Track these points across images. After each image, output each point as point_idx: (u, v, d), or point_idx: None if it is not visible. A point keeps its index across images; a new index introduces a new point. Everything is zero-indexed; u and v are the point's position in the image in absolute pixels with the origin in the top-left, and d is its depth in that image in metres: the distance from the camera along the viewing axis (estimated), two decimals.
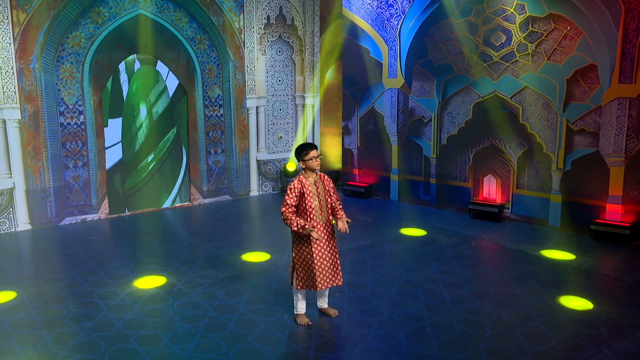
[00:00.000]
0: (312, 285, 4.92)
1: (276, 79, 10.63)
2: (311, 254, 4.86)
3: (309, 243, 4.87)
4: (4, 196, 8.12)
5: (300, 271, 4.96)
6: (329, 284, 4.97)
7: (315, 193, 4.91)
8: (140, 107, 9.18)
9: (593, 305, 5.46)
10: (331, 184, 5.11)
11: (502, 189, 8.71)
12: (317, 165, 4.89)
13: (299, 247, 4.94)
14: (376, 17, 9.80)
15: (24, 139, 8.13)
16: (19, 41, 7.90)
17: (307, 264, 4.90)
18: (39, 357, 4.55)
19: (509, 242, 7.63)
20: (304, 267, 4.93)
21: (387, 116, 9.98)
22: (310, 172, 4.97)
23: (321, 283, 4.91)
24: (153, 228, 8.55)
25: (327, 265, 4.93)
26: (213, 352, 4.60)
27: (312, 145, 4.96)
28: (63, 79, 8.38)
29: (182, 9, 9.25)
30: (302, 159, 4.93)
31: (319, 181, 4.98)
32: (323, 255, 4.92)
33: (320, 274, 4.90)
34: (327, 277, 4.94)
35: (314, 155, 4.85)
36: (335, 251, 5.04)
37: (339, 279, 5.05)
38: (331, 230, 5.03)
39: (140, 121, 9.21)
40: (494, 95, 8.53)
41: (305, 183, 4.90)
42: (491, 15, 8.35)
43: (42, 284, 6.14)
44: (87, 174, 8.79)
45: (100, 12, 8.51)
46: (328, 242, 4.97)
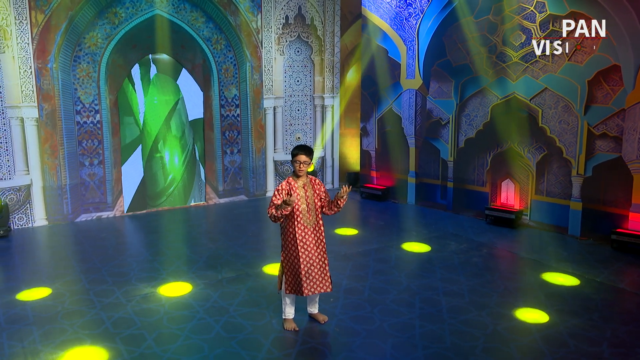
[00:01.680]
0: (298, 291, 4.81)
1: (294, 79, 10.56)
2: (298, 259, 4.75)
3: (296, 247, 4.76)
4: (22, 192, 8.33)
5: (288, 275, 4.85)
6: (316, 290, 4.84)
7: (304, 196, 4.79)
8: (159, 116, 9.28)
9: (598, 321, 5.14)
10: (322, 188, 4.98)
11: (521, 194, 8.37)
12: (300, 171, 4.75)
13: (287, 251, 4.83)
14: (395, 16, 9.60)
15: (41, 137, 8.32)
16: (37, 41, 8.08)
17: (294, 268, 4.79)
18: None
19: (522, 250, 7.32)
20: (292, 271, 4.82)
21: (404, 118, 9.76)
22: (297, 175, 4.85)
23: (307, 289, 4.78)
24: (164, 227, 8.62)
25: (315, 271, 4.81)
26: (193, 355, 4.55)
27: (306, 150, 4.79)
28: (80, 78, 8.54)
29: (198, 9, 9.29)
30: (292, 159, 4.83)
31: (309, 184, 4.86)
32: (310, 260, 4.79)
33: (306, 280, 4.77)
34: (314, 283, 4.82)
35: (302, 160, 4.71)
36: (324, 257, 4.90)
37: (328, 286, 4.91)
38: (320, 235, 4.90)
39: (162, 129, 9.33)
40: (513, 97, 8.21)
41: (294, 185, 4.79)
42: (510, 14, 8.04)
43: (45, 279, 6.25)
44: (102, 172, 8.93)
45: (117, 13, 8.63)
46: (316, 247, 4.84)
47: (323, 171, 11.21)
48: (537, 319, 5.19)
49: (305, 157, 4.72)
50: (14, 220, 8.32)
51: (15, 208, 8.30)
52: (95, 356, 4.54)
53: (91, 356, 4.54)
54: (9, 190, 8.21)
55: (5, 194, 8.17)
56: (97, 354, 4.58)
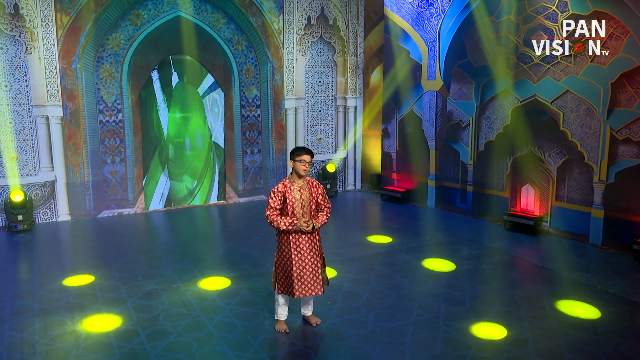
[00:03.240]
0: (289, 292, 4.79)
1: (316, 80, 10.55)
2: (290, 261, 4.73)
3: (289, 249, 4.75)
4: (46, 188, 8.64)
5: (280, 276, 4.85)
6: (307, 292, 4.80)
7: (299, 199, 4.77)
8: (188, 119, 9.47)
9: (602, 335, 4.91)
10: (320, 190, 4.93)
11: (541, 200, 8.09)
12: (303, 170, 4.73)
13: (281, 252, 4.82)
14: (416, 16, 9.46)
15: (65, 135, 8.60)
16: (62, 43, 8.37)
17: (287, 270, 4.78)
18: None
19: (537, 258, 7.08)
20: (284, 273, 4.81)
21: (425, 119, 9.60)
22: (297, 176, 4.82)
23: (299, 291, 4.76)
24: (181, 225, 8.76)
25: (307, 274, 4.77)
26: (181, 352, 4.60)
27: (309, 150, 4.81)
28: (103, 78, 8.79)
29: (220, 10, 9.41)
30: (293, 158, 4.79)
31: (305, 187, 4.83)
32: (303, 263, 4.77)
33: (298, 282, 4.75)
34: (305, 285, 4.78)
35: (306, 159, 4.70)
36: (318, 260, 4.87)
37: (319, 289, 4.87)
38: (314, 238, 4.86)
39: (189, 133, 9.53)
40: (534, 99, 7.94)
41: (290, 187, 4.77)
42: (532, 14, 7.78)
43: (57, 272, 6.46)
44: (124, 170, 9.16)
45: (140, 15, 8.83)
46: (310, 250, 4.80)
47: (345, 172, 11.16)
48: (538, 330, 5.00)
49: (310, 157, 4.72)
50: (39, 214, 8.63)
51: (40, 203, 8.62)
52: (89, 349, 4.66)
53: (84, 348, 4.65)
54: (34, 185, 8.53)
55: (31, 189, 8.49)
56: (91, 347, 4.69)
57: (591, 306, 5.50)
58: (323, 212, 4.90)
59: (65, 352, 4.58)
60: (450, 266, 6.66)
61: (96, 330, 4.99)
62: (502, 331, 4.97)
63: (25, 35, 8.12)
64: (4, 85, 8.11)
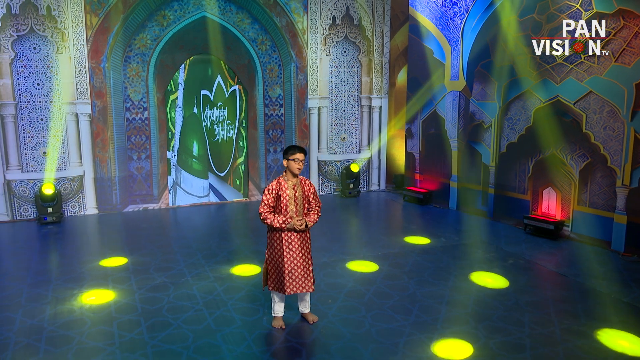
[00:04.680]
0: (281, 289, 4.86)
1: (340, 79, 10.57)
2: (282, 258, 4.80)
3: (281, 246, 4.81)
4: (75, 182, 9.00)
5: (272, 273, 4.92)
6: (298, 289, 4.86)
7: (293, 197, 4.82)
8: None
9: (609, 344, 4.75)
10: (312, 189, 4.98)
11: (562, 204, 7.86)
12: (297, 169, 4.78)
13: (272, 249, 4.89)
14: (440, 15, 9.35)
15: (93, 132, 8.94)
16: (91, 43, 8.70)
17: (278, 267, 4.84)
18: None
19: (553, 264, 6.89)
20: (276, 270, 4.87)
21: (448, 120, 9.48)
22: (291, 175, 4.88)
23: (290, 288, 4.82)
24: (202, 221, 8.97)
25: (298, 271, 4.83)
26: (176, 344, 4.73)
27: (301, 148, 4.88)
28: (130, 77, 9.08)
29: (244, 10, 9.56)
30: (287, 157, 4.85)
31: (298, 185, 4.88)
32: (294, 260, 4.82)
33: (289, 279, 4.81)
34: (296, 282, 4.84)
35: (299, 158, 4.76)
36: (309, 257, 4.92)
37: (310, 286, 4.91)
38: (305, 236, 4.91)
39: None
40: (557, 100, 7.73)
41: (284, 185, 4.83)
42: (555, 13, 7.57)
43: (76, 264, 6.74)
44: (149, 166, 9.44)
45: (166, 15, 9.08)
46: (301, 248, 4.85)
47: (369, 172, 11.13)
48: (537, 336, 4.88)
49: (303, 155, 4.77)
50: (68, 207, 9.00)
51: (69, 197, 8.98)
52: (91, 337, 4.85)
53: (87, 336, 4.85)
54: (63, 180, 8.90)
55: (61, 183, 8.86)
56: (93, 335, 4.88)
57: (600, 314, 5.33)
58: (314, 211, 4.94)
59: (68, 339, 4.79)
60: (460, 269, 6.56)
61: (101, 320, 5.18)
62: (501, 334, 4.88)
63: (57, 35, 8.49)
64: (36, 83, 8.50)
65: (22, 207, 8.73)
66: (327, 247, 7.33)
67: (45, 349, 4.63)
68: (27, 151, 8.63)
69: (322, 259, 6.86)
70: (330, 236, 7.86)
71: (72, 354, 4.54)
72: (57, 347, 4.66)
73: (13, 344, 4.73)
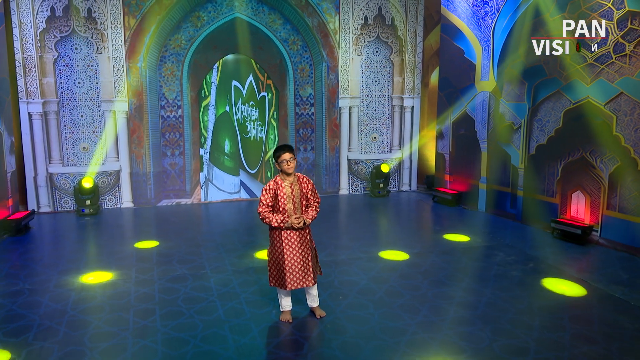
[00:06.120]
0: (282, 285, 4.98)
1: (372, 79, 10.61)
2: (282, 254, 4.92)
3: (281, 243, 4.93)
4: (112, 177, 9.42)
5: (273, 270, 5.05)
6: (298, 285, 4.97)
7: (290, 195, 4.93)
8: None
9: (615, 352, 4.63)
10: (310, 185, 5.05)
11: (592, 208, 7.65)
12: (288, 168, 4.86)
13: (273, 247, 5.02)
14: (472, 15, 9.25)
15: (130, 128, 9.34)
16: (129, 43, 9.09)
17: (279, 263, 4.97)
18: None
19: (575, 269, 6.72)
20: (276, 266, 5.00)
21: (478, 121, 9.37)
22: (286, 174, 4.97)
23: (290, 283, 4.94)
24: (230, 216, 9.22)
25: (298, 267, 4.94)
26: (185, 332, 4.92)
27: (287, 147, 4.90)
28: (165, 76, 9.43)
29: (276, 11, 9.75)
30: (276, 160, 4.94)
31: (296, 183, 4.98)
32: (294, 256, 4.93)
33: (290, 275, 4.93)
34: (297, 277, 4.95)
35: (285, 158, 4.83)
36: (308, 253, 5.01)
37: (310, 280, 5.01)
38: (304, 233, 5.00)
39: None
40: (587, 101, 7.53)
41: (281, 184, 4.94)
42: (587, 11, 7.38)
43: (105, 254, 7.08)
44: (182, 162, 9.77)
45: (200, 17, 9.38)
46: (300, 244, 4.96)
47: (400, 172, 11.12)
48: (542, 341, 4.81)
49: (289, 154, 4.84)
50: (105, 201, 9.44)
51: (106, 190, 9.42)
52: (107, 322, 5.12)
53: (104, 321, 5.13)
54: (101, 174, 9.34)
55: (98, 177, 9.31)
56: (110, 320, 5.16)
57: (613, 321, 5.19)
58: (312, 207, 5.01)
59: (86, 323, 5.08)
60: (477, 271, 6.52)
61: (119, 307, 5.46)
62: (507, 337, 4.84)
63: (97, 36, 8.91)
64: (77, 82, 8.96)
65: (62, 199, 9.22)
66: (346, 245, 7.41)
67: (65, 331, 4.92)
68: (67, 146, 9.11)
69: (340, 256, 6.96)
70: (350, 234, 7.93)
71: (88, 337, 4.81)
72: (75, 330, 4.94)
73: (37, 325, 5.05)
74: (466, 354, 4.57)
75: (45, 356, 4.46)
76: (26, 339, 4.75)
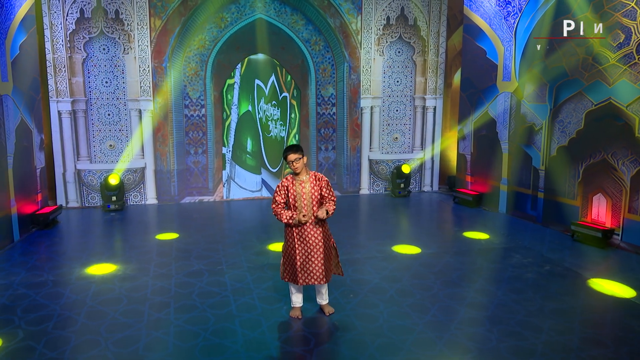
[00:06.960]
0: (294, 280, 5.08)
1: (394, 79, 10.62)
2: (294, 250, 5.02)
3: (293, 240, 5.03)
4: (137, 174, 9.69)
5: (286, 265, 5.14)
6: (310, 281, 5.04)
7: (300, 193, 5.01)
8: None
9: (624, 357, 4.58)
10: (324, 183, 5.09)
11: (613, 211, 7.52)
12: (295, 168, 4.94)
13: (286, 242, 5.12)
14: (494, 15, 9.18)
15: (154, 127, 9.58)
16: (154, 44, 9.33)
17: (291, 259, 5.07)
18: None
19: (592, 272, 6.62)
20: (289, 261, 5.10)
21: (499, 122, 9.30)
22: (295, 173, 5.05)
23: (302, 279, 5.03)
24: (250, 214, 9.37)
25: (310, 264, 5.00)
26: (197, 325, 5.07)
27: (293, 148, 4.97)
28: (189, 76, 9.65)
29: (298, 12, 9.86)
30: (285, 161, 5.04)
31: (307, 181, 5.05)
32: (307, 253, 5.00)
33: (301, 271, 5.02)
34: (308, 274, 5.02)
35: (291, 159, 4.91)
36: (321, 251, 5.07)
37: (321, 278, 5.08)
38: (318, 229, 5.06)
39: None
40: (609, 103, 7.40)
41: (292, 182, 5.04)
42: (609, 11, 7.26)
43: (127, 248, 7.31)
44: (205, 160, 9.98)
45: (224, 18, 9.56)
46: (314, 242, 5.01)
47: (422, 173, 11.11)
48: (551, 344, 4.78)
49: (294, 155, 4.91)
50: (130, 197, 9.71)
51: (132, 187, 9.69)
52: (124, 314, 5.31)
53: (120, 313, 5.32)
54: (127, 171, 9.61)
55: (124, 174, 9.58)
56: (126, 312, 5.34)
57: (624, 324, 5.12)
58: (329, 204, 5.06)
59: (103, 315, 5.27)
60: (491, 272, 6.49)
61: (136, 299, 5.65)
62: (515, 339, 4.83)
63: (124, 37, 9.18)
64: (104, 81, 9.24)
65: (89, 195, 9.53)
66: (363, 244, 7.47)
67: (83, 322, 5.12)
68: (95, 143, 9.41)
69: (355, 254, 7.02)
70: (368, 233, 7.98)
71: (104, 327, 5.00)
72: (93, 320, 5.14)
73: (57, 315, 5.27)
74: (471, 354, 4.59)
75: (62, 345, 4.66)
76: (45, 328, 4.97)
